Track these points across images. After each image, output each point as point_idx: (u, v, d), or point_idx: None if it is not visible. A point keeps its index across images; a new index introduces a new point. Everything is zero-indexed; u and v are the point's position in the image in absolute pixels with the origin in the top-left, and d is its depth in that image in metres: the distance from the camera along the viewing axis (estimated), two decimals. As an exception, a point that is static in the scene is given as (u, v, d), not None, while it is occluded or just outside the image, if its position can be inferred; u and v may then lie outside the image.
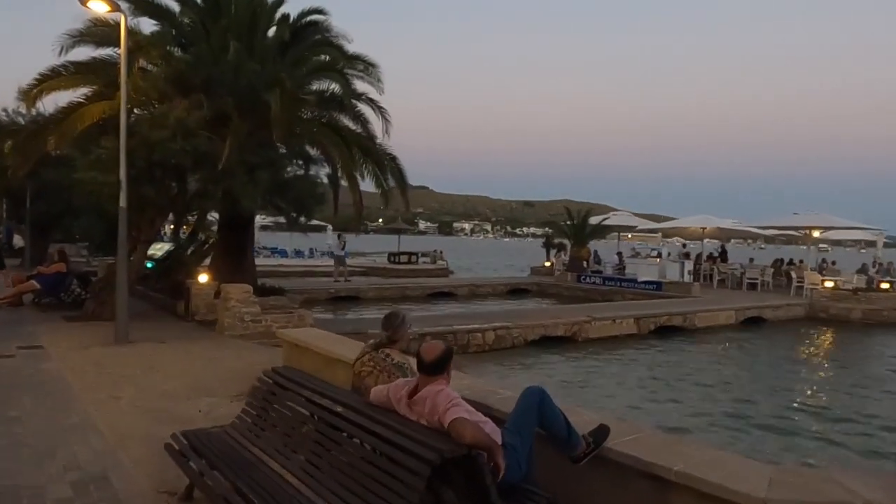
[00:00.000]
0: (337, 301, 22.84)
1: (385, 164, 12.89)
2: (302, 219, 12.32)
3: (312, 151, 12.71)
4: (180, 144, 9.47)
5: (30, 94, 10.81)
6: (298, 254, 41.99)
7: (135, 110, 10.79)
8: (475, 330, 13.93)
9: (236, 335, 10.83)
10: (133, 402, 6.63)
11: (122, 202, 9.57)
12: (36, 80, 10.74)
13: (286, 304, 12.91)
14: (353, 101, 13.16)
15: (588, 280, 27.65)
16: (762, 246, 61.40)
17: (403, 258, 39.61)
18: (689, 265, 26.01)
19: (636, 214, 36.11)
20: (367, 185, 13.12)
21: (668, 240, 34.75)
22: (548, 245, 34.65)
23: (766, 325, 20.45)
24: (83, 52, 11.58)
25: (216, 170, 9.67)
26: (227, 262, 12.90)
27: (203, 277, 13.74)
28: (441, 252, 42.68)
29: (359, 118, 13.01)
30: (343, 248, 26.96)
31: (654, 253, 29.10)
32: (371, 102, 13.36)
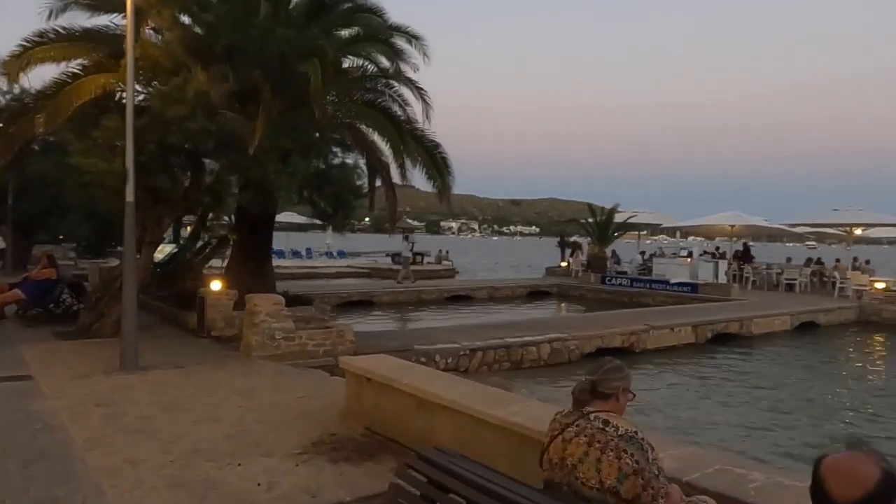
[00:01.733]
0: (349, 306, 20.99)
1: (436, 155, 11.04)
2: (339, 216, 10.48)
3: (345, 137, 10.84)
4: (201, 123, 7.64)
5: (12, 66, 8.89)
6: (296, 254, 40.02)
7: (146, 85, 8.90)
8: (529, 343, 12.18)
9: (265, 356, 8.99)
10: (160, 466, 4.80)
11: (130, 195, 7.72)
12: (20, 47, 8.82)
13: (316, 316, 11.09)
14: (389, 80, 11.34)
15: (613, 281, 25.99)
16: (789, 244, 60.15)
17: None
18: (723, 265, 24.37)
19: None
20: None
21: (685, 239, 33.24)
22: (563, 244, 32.95)
23: (819, 330, 18.89)
24: (75, 19, 9.68)
25: (245, 155, 7.82)
26: (245, 267, 11.06)
27: (216, 285, 11.88)
28: (447, 252, 40.92)
29: (396, 100, 11.18)
30: (411, 249, 25.94)
31: (685, 252, 27.45)
32: (410, 83, 11.53)
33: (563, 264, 31.38)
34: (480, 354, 11.44)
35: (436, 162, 10.90)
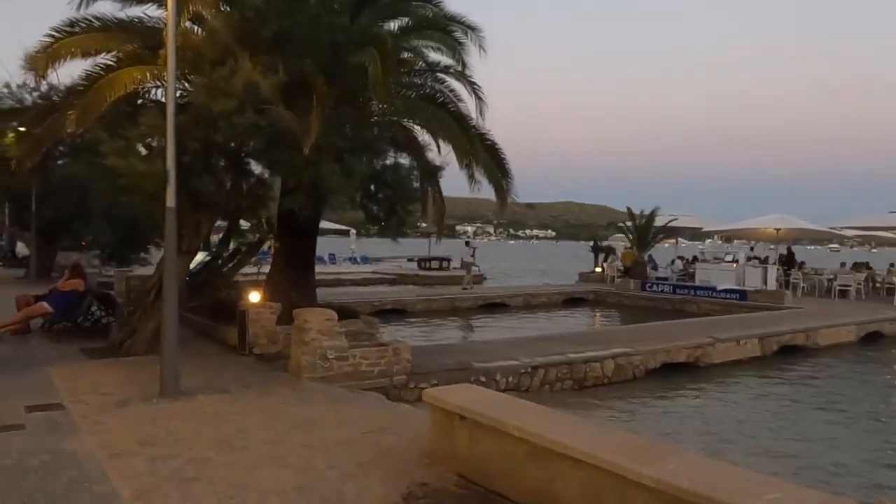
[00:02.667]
0: (382, 315, 20.10)
1: (498, 156, 10.06)
2: (393, 222, 9.55)
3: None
4: (251, 119, 6.77)
5: (40, 60, 8.10)
6: (318, 260, 39.20)
7: (187, 79, 8.05)
8: (592, 359, 11.20)
9: (315, 378, 8.10)
10: (227, 532, 3.89)
11: (171, 200, 6.85)
12: (48, 38, 8.03)
13: (364, 330, 10.19)
14: (437, 74, 10.43)
15: (654, 288, 24.88)
16: (809, 247, 58.52)
17: (434, 264, 36.86)
18: (772, 271, 23.17)
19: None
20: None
21: (727, 243, 32.02)
22: (596, 249, 31.87)
23: (884, 340, 17.70)
24: (106, 10, 8.88)
25: (298, 155, 6.93)
26: (288, 276, 10.21)
27: (254, 296, 11.03)
28: (472, 257, 39.90)
29: (449, 96, 10.24)
30: (472, 255, 25.78)
31: (730, 257, 26.28)
32: (462, 76, 10.61)
33: (598, 270, 30.31)
34: (542, 372, 10.48)
35: (499, 164, 9.93)
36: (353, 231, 41.11)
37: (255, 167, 8.15)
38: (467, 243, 27.28)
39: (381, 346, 8.85)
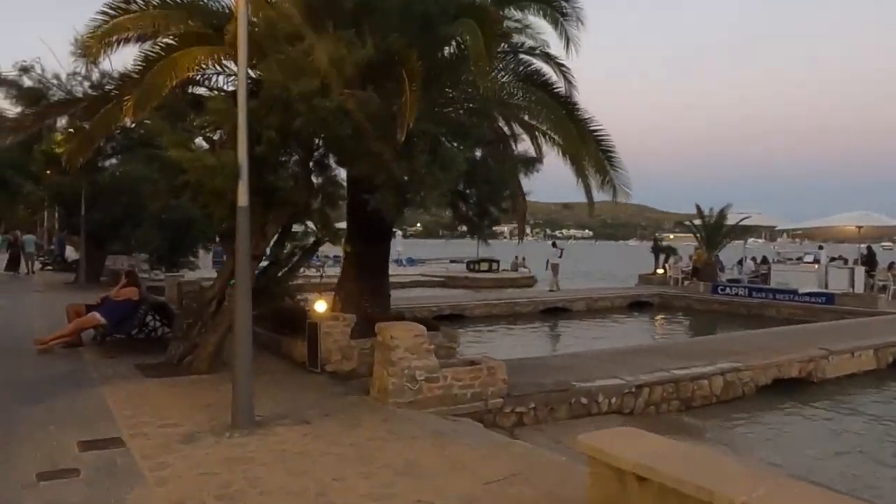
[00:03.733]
0: (439, 322, 19.01)
1: (608, 149, 8.76)
2: (485, 222, 8.40)
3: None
4: (337, 101, 5.69)
5: (93, 42, 7.18)
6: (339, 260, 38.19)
7: (257, 59, 7.00)
8: (699, 376, 9.87)
9: (403, 402, 7.00)
10: None
11: (243, 198, 5.83)
12: (102, 16, 7.10)
13: (444, 344, 9.08)
14: (520, 55, 9.22)
15: (727, 291, 23.25)
16: (888, 246, 55.48)
17: (483, 266, 35.67)
18: (860, 273, 21.35)
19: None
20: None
21: (799, 242, 30.09)
22: (656, 250, 30.23)
23: None
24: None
25: (391, 144, 5.84)
26: (361, 285, 9.16)
27: (320, 305, 10.01)
28: (523, 259, 38.58)
29: (547, 76, 8.96)
30: (560, 256, 25.92)
31: (810, 257, 24.48)
32: (549, 58, 9.39)
33: (660, 271, 28.73)
34: (647, 392, 9.21)
35: (609, 158, 8.65)
36: (398, 231, 40.24)
37: (327, 160, 7.04)
38: (554, 244, 26.83)
39: (472, 364, 7.70)
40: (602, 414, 8.75)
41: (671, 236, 42.97)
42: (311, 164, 6.83)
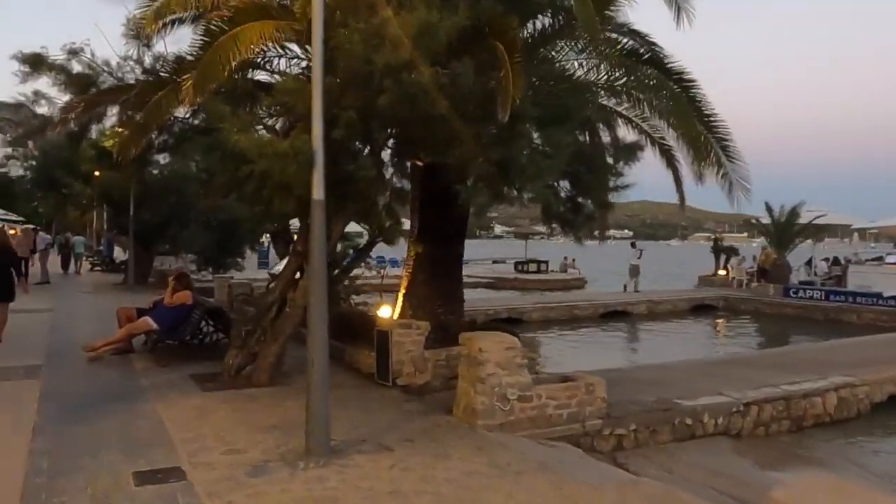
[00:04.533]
0: (495, 325, 18.09)
1: (724, 137, 7.62)
2: (581, 219, 7.45)
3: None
4: (428, 75, 4.84)
5: (146, 18, 6.48)
6: (394, 263, 37.47)
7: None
8: (812, 392, 8.73)
9: (494, 424, 6.10)
10: None
11: (319, 190, 5.02)
12: (156, -13, 6.41)
13: (527, 355, 8.13)
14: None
15: (800, 294, 21.76)
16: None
17: (532, 267, 34.59)
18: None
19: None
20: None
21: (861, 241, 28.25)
22: (717, 250, 28.77)
23: None
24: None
25: (488, 125, 4.96)
26: (433, 289, 8.32)
27: (385, 311, 9.21)
28: (573, 260, 37.33)
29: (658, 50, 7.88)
30: (639, 257, 25.24)
31: (893, 258, 22.82)
32: (635, 34, 8.34)
33: (722, 272, 27.29)
34: (755, 411, 8.12)
35: (725, 148, 7.54)
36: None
37: (407, 147, 6.18)
38: (633, 244, 26.10)
39: (568, 381, 6.76)
40: (707, 436, 7.72)
41: (715, 236, 41.12)
42: (396, 149, 5.97)
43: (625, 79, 7.06)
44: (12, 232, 27.44)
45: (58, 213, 31.21)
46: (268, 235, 24.21)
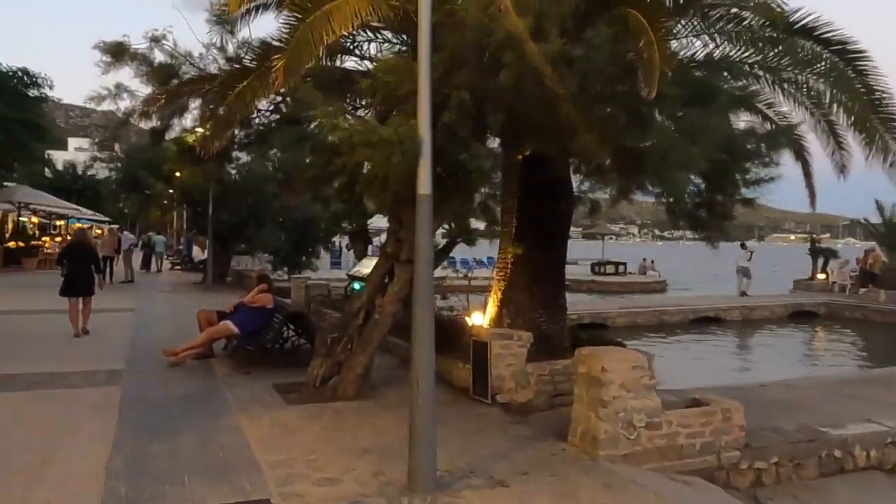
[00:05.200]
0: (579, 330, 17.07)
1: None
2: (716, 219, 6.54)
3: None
4: (557, 46, 4.07)
5: (230, 4, 5.98)
6: (451, 262, 36.48)
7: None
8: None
9: (617, 455, 5.26)
10: None
11: (425, 184, 4.34)
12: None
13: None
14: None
15: (918, 301, 19.74)
16: None
17: (609, 268, 33.21)
18: None
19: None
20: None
21: None
22: (814, 252, 26.69)
23: None
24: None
25: (626, 106, 4.14)
26: (533, 295, 7.54)
27: (477, 318, 8.49)
28: (652, 262, 35.74)
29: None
30: (749, 259, 23.97)
31: None
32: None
33: (821, 276, 25.27)
34: None
35: (892, 130, 6.37)
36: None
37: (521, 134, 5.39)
38: (743, 245, 24.75)
39: (701, 405, 5.84)
40: (858, 470, 6.61)
41: (792, 237, 38.50)
42: (508, 137, 5.22)
43: (761, 56, 6.03)
44: (98, 232, 28.40)
45: (141, 213, 32.11)
46: (345, 235, 24.14)
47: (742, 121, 6.04)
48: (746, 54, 6.04)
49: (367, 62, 7.00)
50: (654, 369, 6.84)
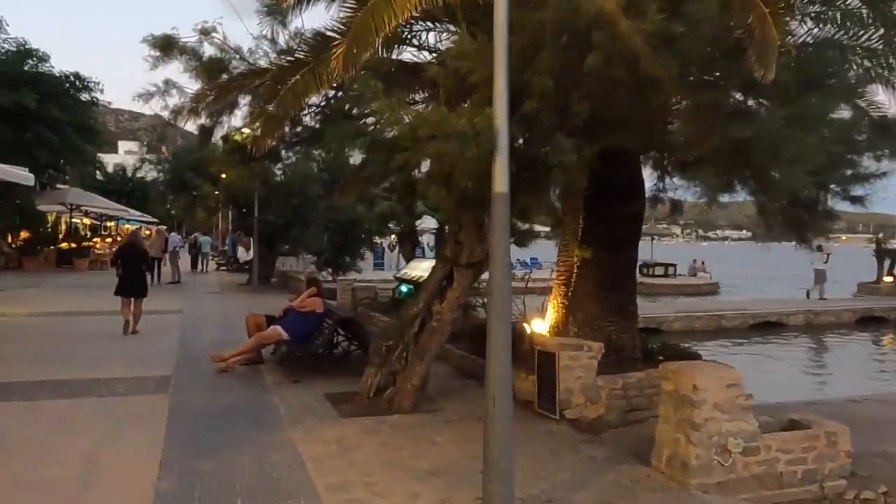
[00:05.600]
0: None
1: None
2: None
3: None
4: (656, 22, 3.55)
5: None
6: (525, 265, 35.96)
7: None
8: None
9: (710, 483, 4.70)
10: None
11: (502, 181, 3.88)
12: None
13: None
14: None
15: None
16: None
17: (659, 270, 32.20)
18: None
19: None
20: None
21: None
22: (880, 254, 25.33)
23: None
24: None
25: (744, 87, 3.58)
26: (603, 302, 7.00)
27: (539, 325, 7.98)
28: (702, 263, 34.57)
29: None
30: (826, 262, 22.60)
31: None
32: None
33: (888, 279, 23.95)
34: None
35: None
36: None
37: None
38: (820, 247, 23.41)
39: (798, 426, 5.22)
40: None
41: (843, 237, 36.81)
42: (589, 131, 4.68)
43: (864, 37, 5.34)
44: (146, 233, 28.77)
45: (187, 214, 32.47)
46: (388, 237, 23.84)
47: (844, 111, 5.39)
48: (853, 37, 5.38)
49: (424, 53, 6.59)
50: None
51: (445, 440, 5.66)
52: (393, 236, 22.57)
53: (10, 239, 26.92)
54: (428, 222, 18.85)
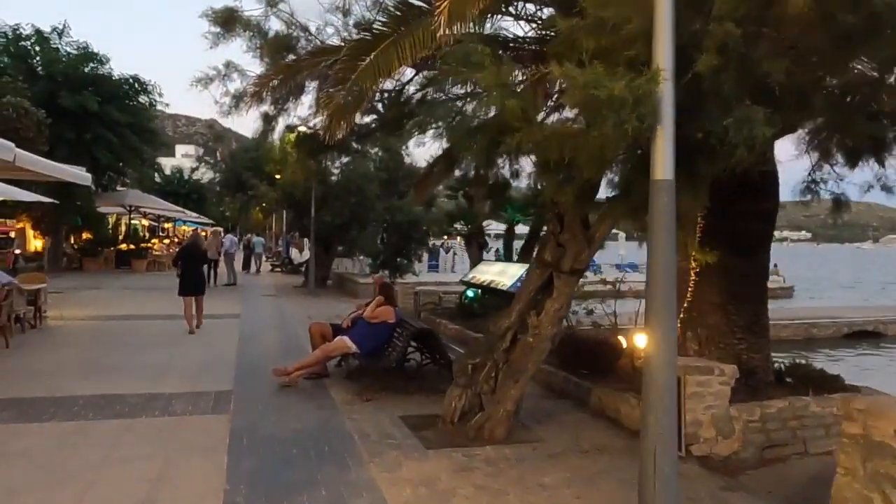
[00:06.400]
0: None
1: None
2: None
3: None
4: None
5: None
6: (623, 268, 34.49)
7: None
8: None
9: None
10: None
11: (665, 167, 2.90)
12: None
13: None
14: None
15: None
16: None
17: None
18: None
19: None
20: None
21: None
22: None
23: None
24: None
25: None
26: (731, 318, 5.92)
27: (640, 339, 6.94)
28: (775, 265, 32.53)
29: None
30: None
31: None
32: None
33: None
34: None
35: None
36: (622, 233, 36.18)
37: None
38: None
39: None
40: None
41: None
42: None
43: None
44: (203, 234, 28.70)
45: (242, 214, 32.42)
46: (443, 238, 23.07)
47: None
48: None
49: (522, 22, 5.67)
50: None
51: (555, 482, 4.72)
52: (446, 237, 21.65)
53: (72, 240, 27.22)
54: (492, 224, 17.97)
